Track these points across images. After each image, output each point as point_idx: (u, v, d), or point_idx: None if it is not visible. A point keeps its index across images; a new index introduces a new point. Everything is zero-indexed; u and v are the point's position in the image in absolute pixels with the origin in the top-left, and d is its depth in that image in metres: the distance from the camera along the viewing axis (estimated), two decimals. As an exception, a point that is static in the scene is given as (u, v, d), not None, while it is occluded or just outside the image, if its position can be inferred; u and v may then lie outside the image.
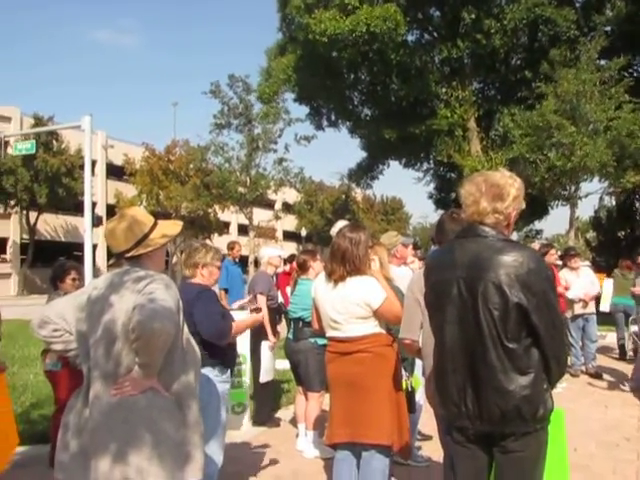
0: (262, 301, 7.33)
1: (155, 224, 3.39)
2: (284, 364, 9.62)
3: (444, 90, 26.53)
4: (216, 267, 5.14)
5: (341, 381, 4.76)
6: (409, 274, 7.38)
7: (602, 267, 18.69)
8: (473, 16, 24.73)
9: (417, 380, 5.40)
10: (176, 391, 3.14)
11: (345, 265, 4.68)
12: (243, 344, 6.96)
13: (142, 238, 3.30)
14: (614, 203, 34.95)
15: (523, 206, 3.27)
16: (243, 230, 55.51)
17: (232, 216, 56.35)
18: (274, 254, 8.34)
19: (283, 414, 8.45)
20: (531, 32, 26.23)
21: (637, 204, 32.60)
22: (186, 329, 3.31)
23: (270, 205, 52.65)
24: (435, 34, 28.72)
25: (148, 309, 2.89)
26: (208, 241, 45.67)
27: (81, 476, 3.07)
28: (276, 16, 30.35)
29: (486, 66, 27.38)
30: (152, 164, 47.88)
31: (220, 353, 4.95)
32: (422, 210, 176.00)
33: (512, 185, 3.19)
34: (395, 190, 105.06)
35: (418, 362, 5.57)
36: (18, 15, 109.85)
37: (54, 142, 44.97)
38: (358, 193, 66.74)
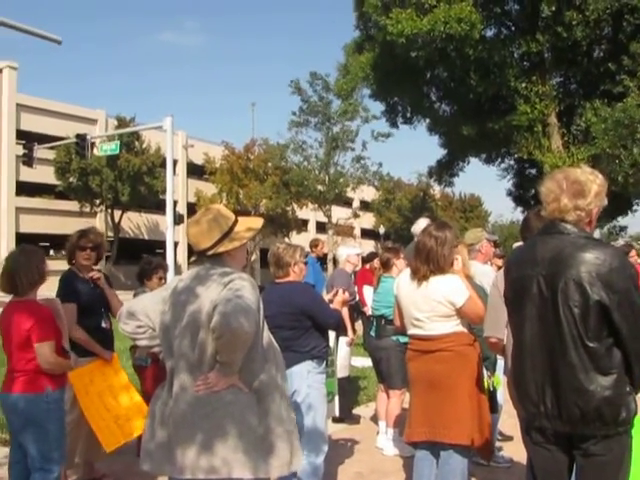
0: (339, 293, 7.37)
1: (237, 220, 3.41)
2: (361, 361, 9.68)
3: (524, 85, 25.98)
4: (304, 263, 5.28)
5: (422, 379, 4.77)
6: (492, 271, 7.34)
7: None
8: (553, 8, 24.16)
9: (498, 379, 5.37)
10: (257, 388, 3.18)
11: (429, 264, 4.69)
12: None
13: (227, 232, 3.31)
14: None
15: (605, 203, 3.23)
16: (321, 228, 55.71)
17: (310, 214, 56.65)
18: (352, 253, 8.39)
19: (362, 411, 8.47)
20: (615, 22, 25.44)
21: None
22: (266, 327, 3.33)
23: (348, 203, 52.73)
24: (513, 28, 28.24)
25: (231, 308, 2.92)
26: (287, 239, 46.11)
27: (167, 465, 3.15)
28: (352, 14, 30.46)
29: (567, 59, 26.73)
30: (232, 163, 48.52)
31: (317, 345, 5.10)
32: (501, 207, 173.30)
33: (594, 182, 3.16)
34: (473, 187, 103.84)
35: (499, 361, 5.55)
36: (96, 23, 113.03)
37: (136, 142, 46.08)
38: (436, 190, 66.20)
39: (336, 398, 6.92)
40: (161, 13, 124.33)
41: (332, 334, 6.67)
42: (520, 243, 11.72)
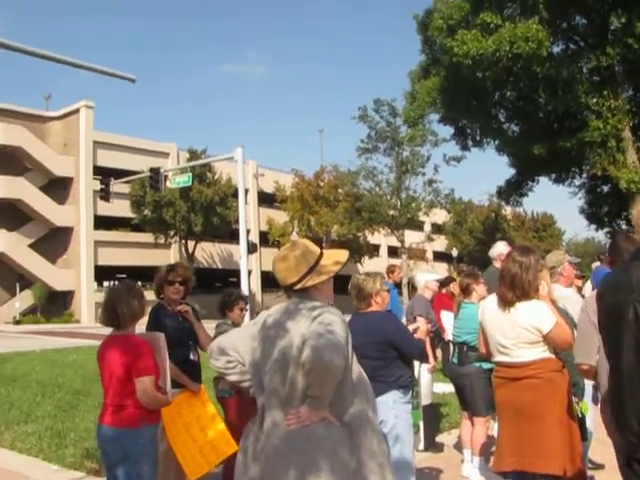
0: (422, 323, 7.31)
1: (322, 253, 3.40)
2: (442, 387, 9.54)
3: (595, 100, 25.54)
4: (386, 292, 5.26)
5: (510, 407, 4.69)
6: (575, 294, 7.17)
7: None
8: (623, 20, 23.77)
9: (586, 406, 5.23)
10: (348, 421, 3.14)
11: (514, 290, 4.64)
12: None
13: (314, 265, 3.31)
14: None
15: None
16: (393, 252, 55.63)
17: (382, 239, 56.61)
18: (431, 278, 8.32)
19: (445, 439, 8.32)
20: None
21: None
22: (356, 360, 3.30)
23: (419, 226, 52.52)
24: (582, 43, 27.85)
25: (321, 342, 2.92)
26: (359, 265, 46.12)
27: None
28: (417, 38, 30.52)
29: (639, 71, 26.16)
30: (302, 190, 49.01)
31: (403, 375, 5.07)
32: (575, 225, 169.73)
33: (691, 202, 3.07)
34: (545, 206, 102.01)
35: (587, 387, 5.42)
36: (161, 57, 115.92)
37: (207, 174, 46.96)
38: (508, 211, 65.41)
39: (421, 430, 6.86)
40: (222, 45, 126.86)
41: (416, 364, 6.63)
42: (598, 263, 11.45)
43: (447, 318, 8.10)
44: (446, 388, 9.22)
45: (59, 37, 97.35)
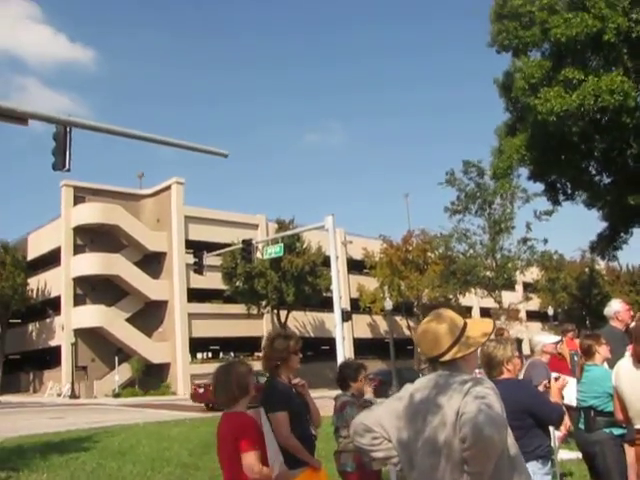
0: (554, 384, 7.05)
1: (466, 323, 3.35)
2: (567, 454, 9.18)
3: (697, 148, 24.89)
4: (518, 358, 5.17)
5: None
6: None
7: None
8: None
9: None
10: None
11: None
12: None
13: (459, 336, 3.25)
14: None
15: None
16: (486, 313, 54.68)
17: (474, 300, 55.83)
18: (549, 341, 8.10)
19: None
20: None
21: None
22: (510, 433, 3.19)
23: (512, 286, 51.78)
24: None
25: (482, 416, 2.85)
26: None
27: None
28: (498, 100, 30.51)
29: None
30: (390, 255, 49.05)
31: (542, 445, 4.95)
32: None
33: None
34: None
35: None
36: (244, 132, 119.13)
37: (297, 243, 47.55)
38: (601, 265, 63.71)
39: None
40: (304, 117, 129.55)
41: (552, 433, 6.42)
42: None
43: (570, 383, 7.84)
44: (565, 455, 8.89)
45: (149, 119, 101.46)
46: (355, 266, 58.40)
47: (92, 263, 47.96)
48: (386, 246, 50.36)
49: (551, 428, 5.91)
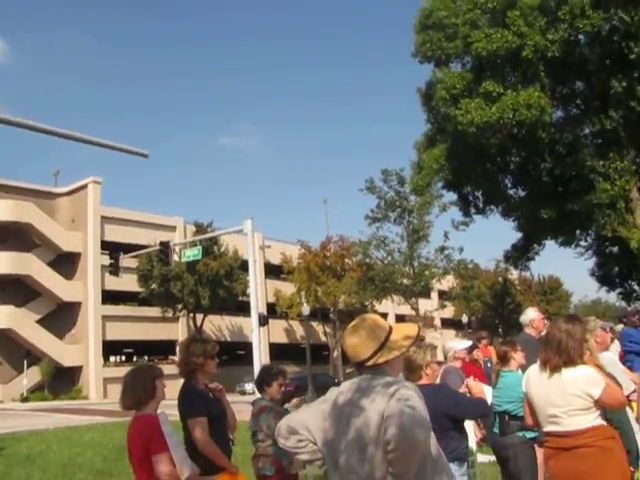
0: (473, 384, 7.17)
1: (391, 328, 3.34)
2: (481, 458, 9.34)
3: (601, 163, 25.73)
4: (437, 364, 5.24)
5: (565, 478, 4.58)
6: (611, 358, 7.13)
7: None
8: (624, 84, 24.19)
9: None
10: None
11: (560, 355, 4.60)
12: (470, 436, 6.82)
13: (384, 341, 3.25)
14: None
15: None
16: (401, 320, 55.37)
17: (389, 307, 56.49)
18: (461, 347, 8.24)
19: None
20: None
21: None
22: (433, 435, 3.21)
23: (427, 294, 52.56)
24: (583, 107, 28.23)
25: (406, 419, 2.86)
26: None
27: None
28: (420, 109, 31.05)
29: (644, 133, 26.50)
30: (308, 261, 49.18)
31: (458, 447, 5.01)
32: (584, 287, 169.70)
33: None
34: (552, 268, 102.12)
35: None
36: (158, 133, 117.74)
37: (214, 247, 47.17)
38: (514, 275, 65.40)
39: None
40: (215, 118, 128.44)
41: (470, 434, 6.51)
42: (622, 326, 11.41)
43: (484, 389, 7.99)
44: (479, 458, 9.03)
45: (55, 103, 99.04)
46: (273, 271, 58.32)
47: (2, 262, 46.36)
48: (304, 251, 50.46)
49: (469, 430, 6.02)
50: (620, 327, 11.57)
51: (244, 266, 28.28)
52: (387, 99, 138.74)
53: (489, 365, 12.17)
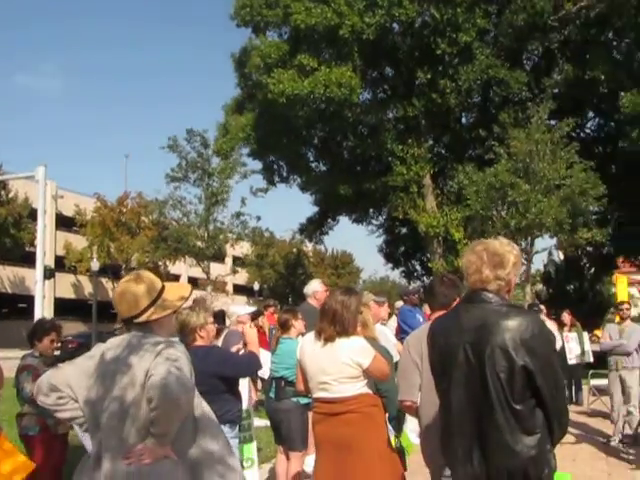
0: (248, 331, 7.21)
1: (164, 286, 3.31)
2: (258, 422, 9.52)
3: (400, 147, 26.83)
4: (211, 325, 5.22)
5: (329, 442, 4.75)
6: (384, 331, 7.50)
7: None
8: (429, 76, 25.28)
9: (407, 440, 5.43)
10: (190, 458, 3.06)
11: (335, 325, 4.73)
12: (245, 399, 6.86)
13: (156, 298, 3.22)
14: (562, 258, 36.07)
15: (521, 271, 3.40)
16: (193, 283, 54.94)
17: (183, 269, 55.97)
18: (243, 312, 8.32)
19: (259, 472, 8.32)
20: (484, 92, 27.07)
21: (584, 259, 33.64)
22: (198, 395, 3.24)
23: (222, 259, 52.49)
24: (390, 92, 29.23)
25: (171, 378, 2.83)
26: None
27: None
28: (232, 74, 30.82)
29: (441, 124, 27.91)
30: (104, 215, 47.63)
31: (231, 409, 5.05)
32: (374, 264, 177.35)
33: (511, 252, 3.32)
34: (345, 244, 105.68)
35: (409, 422, 5.63)
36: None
37: (2, 192, 44.38)
38: (309, 247, 66.92)
39: (256, 465, 6.78)
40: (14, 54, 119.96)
41: (245, 397, 6.57)
42: (401, 302, 12.04)
43: (264, 354, 8.13)
44: (257, 422, 9.20)
45: None
46: (65, 222, 55.67)
47: None
48: (100, 205, 48.79)
49: (244, 394, 6.09)
50: (400, 304, 12.21)
51: (34, 215, 26.81)
52: (202, 60, 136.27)
53: (274, 333, 12.42)
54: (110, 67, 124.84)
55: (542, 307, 13.70)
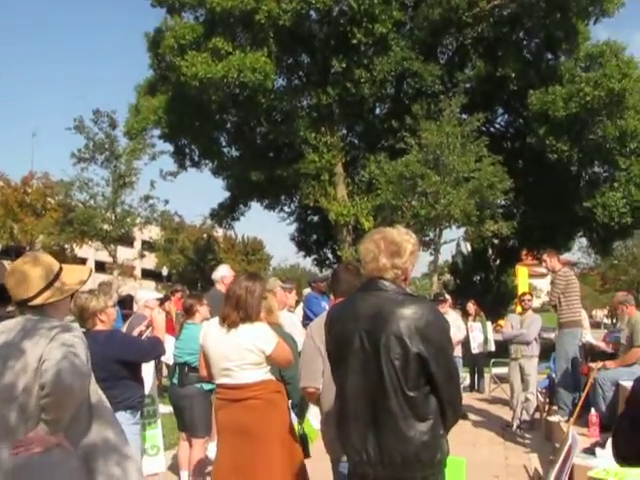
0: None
1: (61, 268, 3.22)
2: (162, 408, 9.45)
3: (313, 135, 26.82)
4: (112, 308, 5.16)
5: (231, 428, 4.77)
6: (291, 318, 7.56)
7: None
8: (344, 65, 25.34)
9: (310, 426, 5.47)
10: (86, 446, 2.98)
11: (239, 311, 4.75)
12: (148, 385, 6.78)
13: (53, 280, 3.12)
14: (469, 249, 36.94)
15: (426, 260, 3.47)
16: (101, 267, 53.97)
17: (89, 252, 54.68)
18: (151, 297, 8.25)
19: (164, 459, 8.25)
20: (398, 84, 27.37)
21: (490, 251, 34.56)
22: (94, 381, 3.15)
23: (130, 242, 51.55)
24: (305, 80, 29.20)
25: (65, 364, 2.76)
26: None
27: None
28: (145, 54, 30.25)
29: (354, 114, 27.99)
30: (7, 195, 46.06)
31: (132, 396, 5.00)
32: (282, 251, 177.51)
33: (408, 241, 3.36)
34: (256, 231, 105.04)
35: (312, 409, 5.69)
36: None
37: None
38: (219, 233, 66.34)
39: (162, 451, 6.71)
40: None
41: (149, 383, 6.51)
42: (309, 289, 12.11)
43: (168, 339, 8.07)
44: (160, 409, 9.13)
45: None
46: (-35, 202, 53.63)
47: None
48: (3, 185, 47.09)
49: (149, 380, 6.04)
50: (308, 291, 12.25)
51: None
52: (114, 37, 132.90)
53: (180, 318, 12.32)
54: (19, 43, 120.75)
55: (448, 297, 13.96)
